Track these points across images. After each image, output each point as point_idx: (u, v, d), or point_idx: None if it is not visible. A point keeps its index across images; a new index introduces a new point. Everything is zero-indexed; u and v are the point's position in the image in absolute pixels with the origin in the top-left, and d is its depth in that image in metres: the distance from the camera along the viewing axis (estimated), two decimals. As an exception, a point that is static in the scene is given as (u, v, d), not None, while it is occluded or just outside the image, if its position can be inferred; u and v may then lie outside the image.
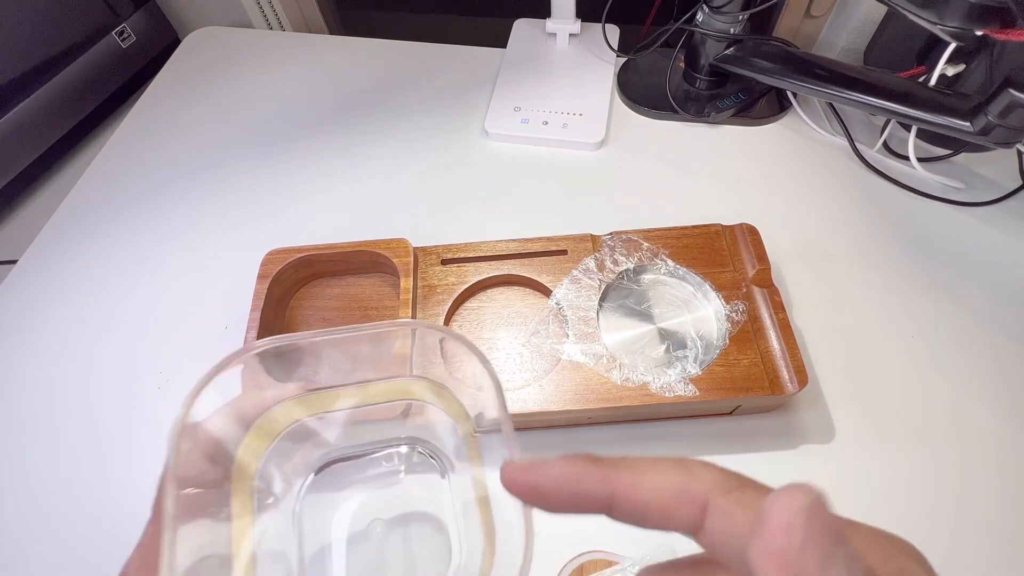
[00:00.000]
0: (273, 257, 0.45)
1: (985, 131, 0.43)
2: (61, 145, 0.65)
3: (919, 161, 0.53)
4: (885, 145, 0.56)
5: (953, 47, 0.46)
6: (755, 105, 0.61)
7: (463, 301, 0.46)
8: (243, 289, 0.44)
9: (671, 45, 0.61)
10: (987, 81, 0.47)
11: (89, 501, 0.42)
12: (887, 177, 0.55)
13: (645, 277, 0.46)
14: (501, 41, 0.68)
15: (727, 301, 0.43)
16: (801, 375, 0.38)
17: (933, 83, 0.48)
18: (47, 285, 0.53)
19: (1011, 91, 0.40)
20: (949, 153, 0.55)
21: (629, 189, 0.56)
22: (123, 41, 0.68)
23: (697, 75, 0.62)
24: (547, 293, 0.44)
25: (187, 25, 0.77)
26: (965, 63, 0.48)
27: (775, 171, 0.57)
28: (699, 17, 0.57)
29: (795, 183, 0.56)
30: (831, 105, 0.59)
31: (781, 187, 0.55)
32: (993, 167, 0.55)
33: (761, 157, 0.58)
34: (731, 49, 0.58)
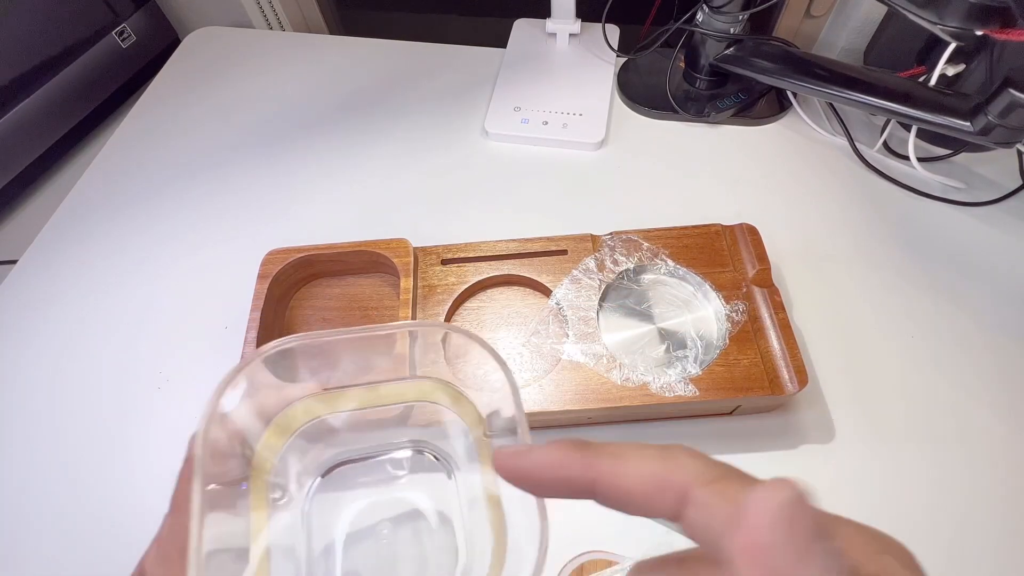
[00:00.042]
0: (273, 257, 0.45)
1: (985, 131, 0.43)
2: (61, 145, 0.65)
3: (919, 161, 0.53)
4: (885, 145, 0.56)
5: (953, 47, 0.46)
6: (755, 105, 0.61)
7: (463, 301, 0.46)
8: (243, 289, 0.44)
9: (671, 45, 0.61)
10: (987, 81, 0.47)
11: (89, 500, 0.42)
12: (887, 177, 0.55)
13: (645, 277, 0.46)
14: (501, 41, 0.68)
15: (727, 301, 0.43)
16: (801, 375, 0.38)
17: (933, 83, 0.48)
18: (47, 285, 0.53)
19: (1011, 91, 0.40)
20: (949, 153, 0.55)
21: (629, 189, 0.56)
22: (123, 41, 0.68)
23: (697, 75, 0.62)
24: (547, 293, 0.44)
25: (187, 25, 0.77)
26: (965, 63, 0.48)
27: (775, 171, 0.57)
28: (699, 17, 0.57)
29: (795, 183, 0.56)
30: (831, 105, 0.59)
31: (781, 187, 0.55)
32: (993, 167, 0.55)
33: (761, 157, 0.58)
34: (731, 49, 0.58)
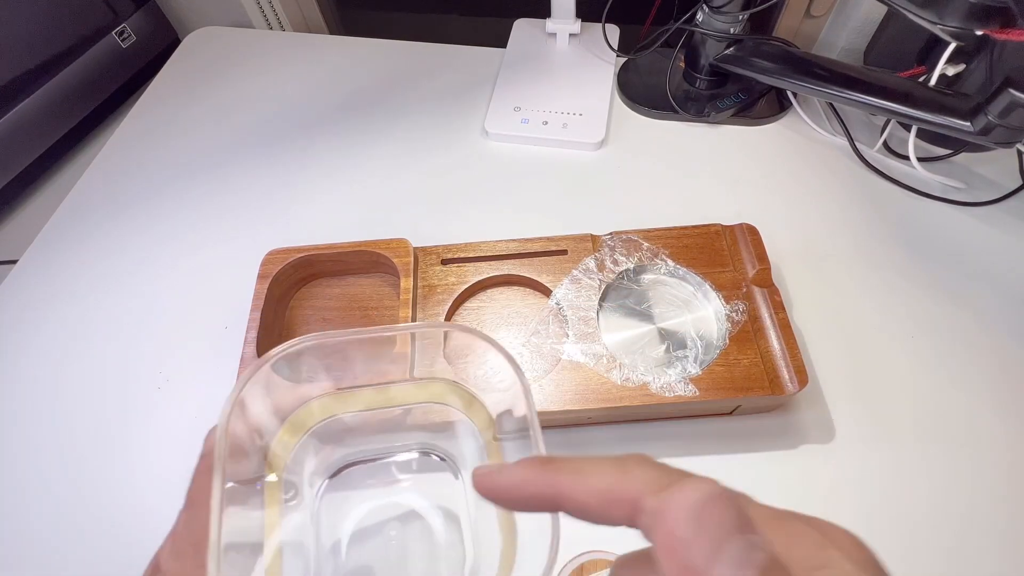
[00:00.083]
0: (273, 257, 0.45)
1: (985, 131, 0.43)
2: (61, 145, 0.65)
3: (919, 161, 0.53)
4: (885, 145, 0.56)
5: (953, 47, 0.46)
6: (755, 105, 0.61)
7: (463, 301, 0.46)
8: (243, 289, 0.44)
9: (671, 45, 0.61)
10: (987, 81, 0.47)
11: (89, 500, 0.42)
12: (887, 177, 0.55)
13: (645, 277, 0.46)
14: (501, 41, 0.68)
15: (727, 301, 0.43)
16: (801, 375, 0.38)
17: (933, 83, 0.48)
18: (47, 285, 0.53)
19: (1011, 91, 0.40)
20: (949, 153, 0.55)
21: (629, 189, 0.56)
22: (123, 41, 0.68)
23: (697, 75, 0.62)
24: (547, 293, 0.44)
25: (187, 25, 0.77)
26: (965, 63, 0.48)
27: (775, 171, 0.57)
28: (699, 17, 0.57)
29: (795, 183, 0.56)
30: (831, 105, 0.59)
31: (781, 187, 0.55)
32: (993, 167, 0.55)
33: (761, 157, 0.58)
34: (731, 49, 0.58)
